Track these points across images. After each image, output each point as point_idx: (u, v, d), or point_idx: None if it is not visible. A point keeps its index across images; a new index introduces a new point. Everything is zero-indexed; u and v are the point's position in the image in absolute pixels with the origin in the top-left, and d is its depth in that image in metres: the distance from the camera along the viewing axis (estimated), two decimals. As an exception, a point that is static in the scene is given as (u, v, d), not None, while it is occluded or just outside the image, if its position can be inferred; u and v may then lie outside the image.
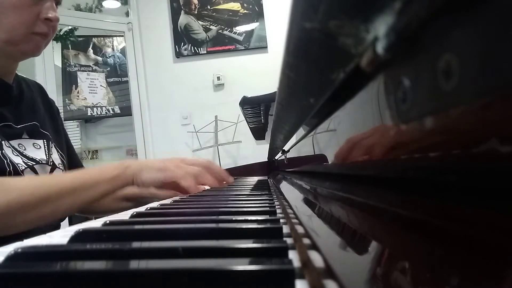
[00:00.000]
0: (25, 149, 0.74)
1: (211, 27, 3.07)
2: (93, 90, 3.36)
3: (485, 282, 0.10)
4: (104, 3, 3.47)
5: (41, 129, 0.80)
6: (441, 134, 0.13)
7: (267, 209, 0.40)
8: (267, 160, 1.64)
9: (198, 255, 0.22)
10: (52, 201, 0.60)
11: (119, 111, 3.44)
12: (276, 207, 0.42)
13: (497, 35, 0.09)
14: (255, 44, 3.05)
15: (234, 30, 3.07)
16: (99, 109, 3.38)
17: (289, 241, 0.24)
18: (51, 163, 0.79)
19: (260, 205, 0.43)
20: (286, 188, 0.64)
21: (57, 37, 3.11)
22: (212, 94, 3.07)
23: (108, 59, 3.50)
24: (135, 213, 0.41)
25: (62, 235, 0.30)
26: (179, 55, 3.06)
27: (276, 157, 1.30)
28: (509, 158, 0.10)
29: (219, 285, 0.18)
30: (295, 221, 0.29)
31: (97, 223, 0.34)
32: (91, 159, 3.87)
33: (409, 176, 0.18)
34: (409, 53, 0.15)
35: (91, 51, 3.46)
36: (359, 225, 0.21)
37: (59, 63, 3.30)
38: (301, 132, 0.61)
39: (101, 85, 3.41)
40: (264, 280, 0.17)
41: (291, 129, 0.64)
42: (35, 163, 0.74)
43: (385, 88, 0.18)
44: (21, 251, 0.22)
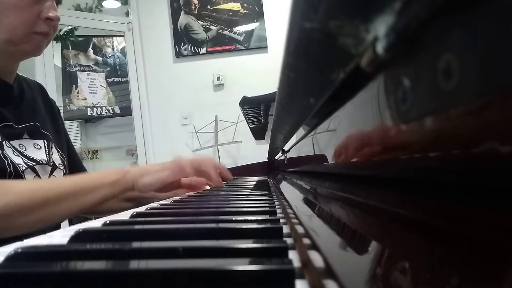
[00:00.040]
0: (26, 150, 0.74)
1: (211, 27, 3.07)
2: (93, 90, 3.36)
3: (485, 282, 0.10)
4: (104, 3, 3.47)
5: (41, 130, 0.80)
6: (441, 134, 0.13)
7: (267, 209, 0.40)
8: (267, 160, 1.64)
9: (198, 255, 0.22)
10: (51, 205, 0.60)
11: (119, 111, 3.44)
12: (276, 207, 0.42)
13: (497, 35, 0.09)
14: (255, 44, 3.05)
15: (234, 30, 3.07)
16: (99, 109, 3.38)
17: (289, 241, 0.24)
18: (52, 163, 0.78)
19: (260, 205, 0.43)
20: (286, 188, 0.64)
21: (57, 37, 3.11)
22: (212, 94, 3.07)
23: (108, 59, 3.50)
24: (135, 213, 0.41)
25: (62, 235, 0.30)
26: (179, 55, 3.06)
27: (276, 157, 1.30)
28: (509, 158, 0.10)
29: (219, 285, 0.18)
30: (295, 221, 0.29)
31: (97, 223, 0.34)
32: (91, 159, 3.87)
33: (409, 176, 0.18)
34: (409, 53, 0.15)
35: (91, 51, 3.46)
36: (359, 225, 0.21)
37: (59, 63, 3.30)
38: (301, 132, 0.61)
39: (101, 85, 3.41)
40: (264, 280, 0.17)
41: (291, 129, 0.64)
42: (35, 164, 0.74)
43: (385, 88, 0.18)
44: (21, 251, 0.22)
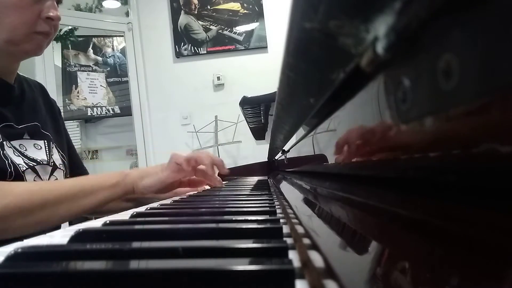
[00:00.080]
0: (26, 150, 0.74)
1: (211, 27, 3.07)
2: (93, 90, 3.36)
3: (485, 282, 0.10)
4: (104, 3, 3.47)
5: (42, 130, 0.80)
6: (441, 134, 0.13)
7: (267, 209, 0.40)
8: (267, 160, 1.63)
9: (198, 255, 0.22)
10: (50, 207, 0.60)
11: (119, 111, 3.44)
12: (276, 207, 0.42)
13: (497, 35, 0.09)
14: (255, 44, 3.05)
15: (234, 30, 3.07)
16: (99, 109, 3.38)
17: (289, 241, 0.24)
18: (52, 163, 0.78)
19: (260, 205, 0.43)
20: (286, 188, 0.64)
21: (57, 37, 3.10)
22: (212, 94, 3.07)
23: (108, 59, 3.50)
24: (135, 213, 0.41)
25: (62, 235, 0.30)
26: (179, 55, 3.06)
27: (276, 157, 1.30)
28: (509, 158, 0.10)
29: (219, 285, 0.18)
30: (295, 221, 0.29)
31: (97, 223, 0.34)
32: (91, 159, 3.86)
33: (409, 176, 0.18)
34: (409, 53, 0.15)
35: (91, 51, 3.46)
36: (359, 225, 0.21)
37: (59, 63, 3.30)
38: (301, 132, 0.61)
39: (101, 85, 3.41)
40: (264, 280, 0.17)
41: (291, 129, 0.64)
42: (36, 164, 0.74)
43: (385, 88, 0.18)
44: (21, 251, 0.22)
